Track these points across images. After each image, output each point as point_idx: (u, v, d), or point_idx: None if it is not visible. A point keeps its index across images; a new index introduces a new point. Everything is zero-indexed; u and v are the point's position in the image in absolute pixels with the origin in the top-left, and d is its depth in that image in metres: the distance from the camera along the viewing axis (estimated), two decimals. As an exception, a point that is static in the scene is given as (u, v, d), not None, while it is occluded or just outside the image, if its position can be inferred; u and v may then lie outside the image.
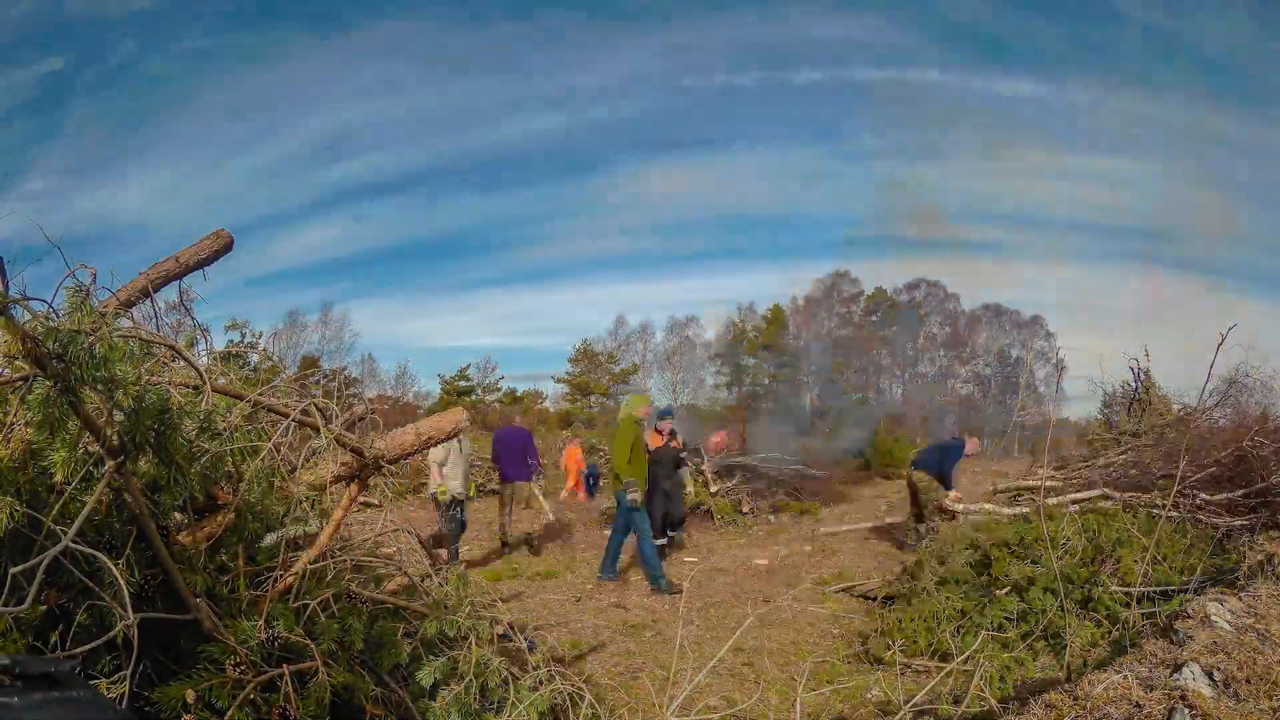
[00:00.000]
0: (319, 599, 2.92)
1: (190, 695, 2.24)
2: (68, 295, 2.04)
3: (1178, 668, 3.10)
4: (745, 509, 13.03)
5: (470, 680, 3.28)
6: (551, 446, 20.93)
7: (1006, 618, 5.42)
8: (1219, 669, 3.03)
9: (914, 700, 4.11)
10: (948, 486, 10.13)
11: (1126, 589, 5.24)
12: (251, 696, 2.43)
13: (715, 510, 12.66)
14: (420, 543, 4.43)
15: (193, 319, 3.78)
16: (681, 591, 8.23)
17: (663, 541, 9.86)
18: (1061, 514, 7.17)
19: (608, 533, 9.61)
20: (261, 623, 2.61)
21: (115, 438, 2.00)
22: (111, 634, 2.00)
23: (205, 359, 3.54)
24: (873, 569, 9.27)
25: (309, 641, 2.68)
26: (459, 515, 9.73)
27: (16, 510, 1.96)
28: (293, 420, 3.06)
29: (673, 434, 10.12)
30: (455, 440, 9.48)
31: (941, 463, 10.20)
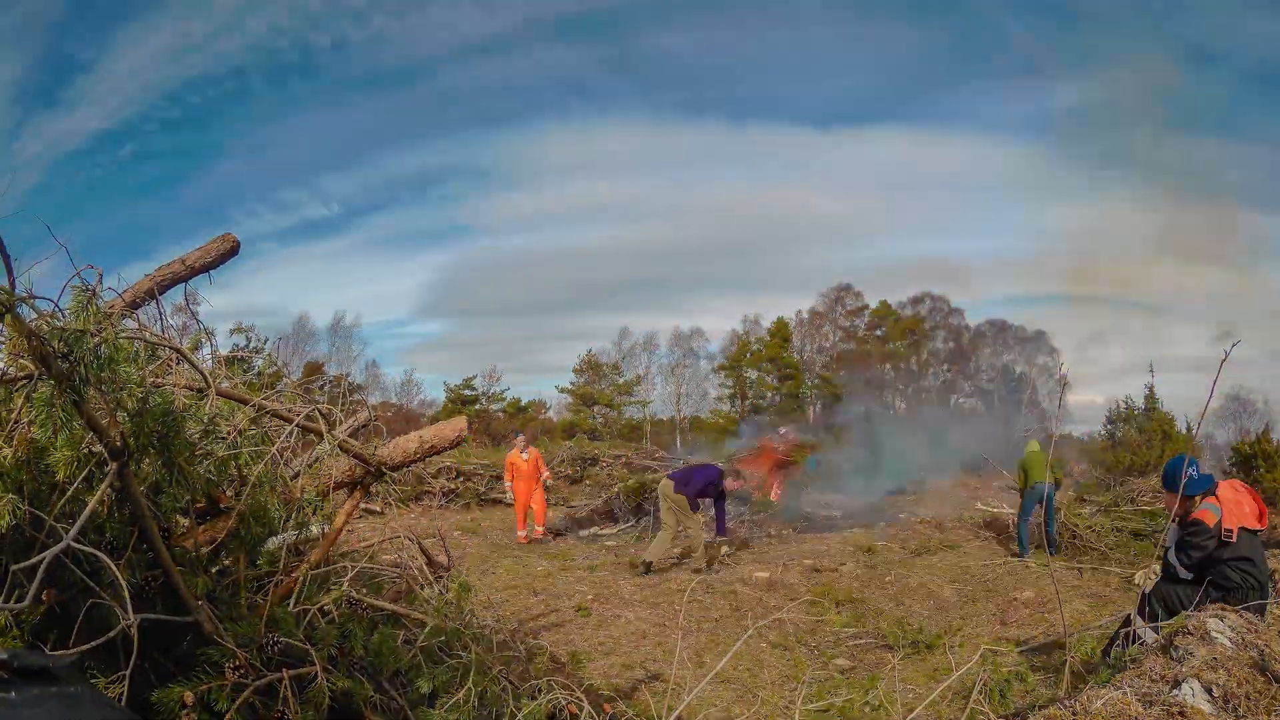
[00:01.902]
0: (319, 604, 2.92)
1: (189, 697, 2.24)
2: (74, 295, 2.05)
3: (1177, 684, 3.09)
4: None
5: (469, 688, 3.27)
6: (553, 456, 20.83)
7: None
8: (1218, 685, 3.01)
9: (914, 714, 4.09)
10: None
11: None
12: (250, 700, 2.44)
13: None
14: (421, 549, 4.43)
15: (198, 322, 3.80)
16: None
17: None
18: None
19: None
20: (262, 627, 2.62)
21: (119, 439, 2.01)
22: (111, 634, 2.01)
23: (210, 362, 3.56)
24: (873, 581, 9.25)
25: (309, 646, 2.68)
26: None
27: (19, 508, 1.97)
28: (296, 425, 3.08)
29: None
30: None
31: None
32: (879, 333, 47.38)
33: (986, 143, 79.20)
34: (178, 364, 2.93)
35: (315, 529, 3.28)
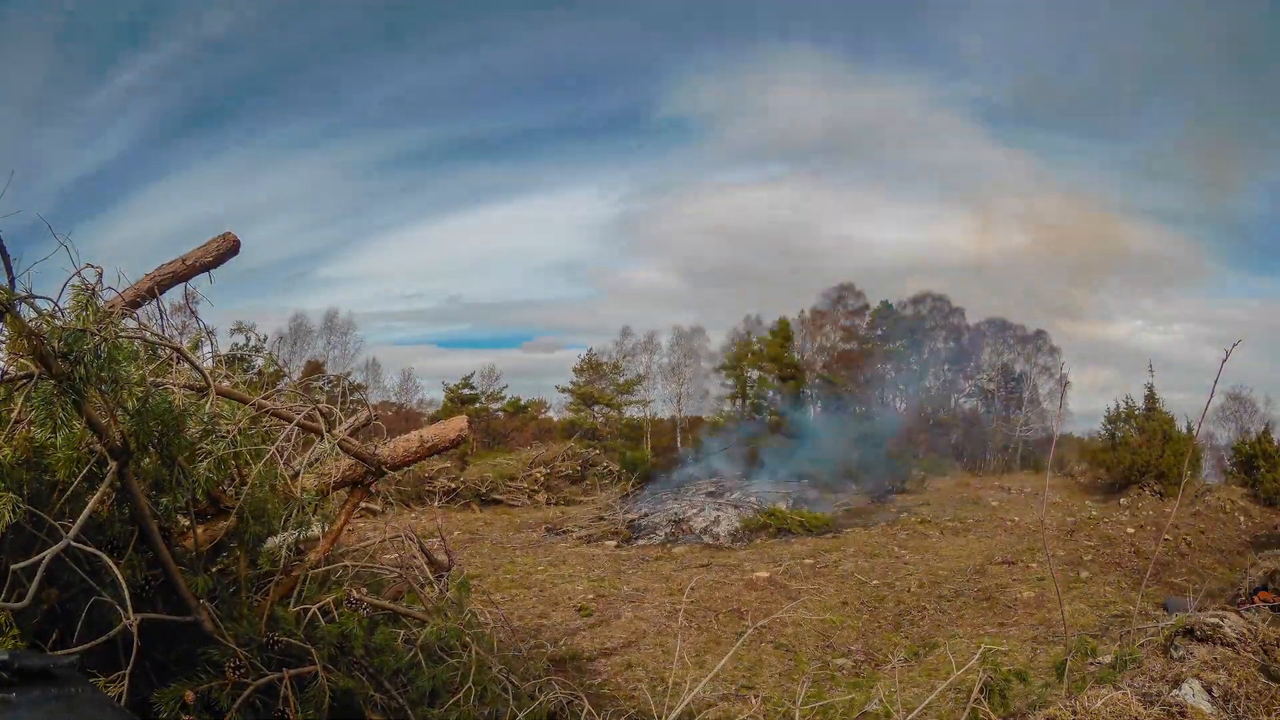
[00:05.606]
0: (320, 604, 2.92)
1: (190, 696, 2.24)
2: (73, 294, 2.05)
3: (1177, 684, 3.09)
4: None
5: (469, 687, 3.27)
6: (554, 455, 20.84)
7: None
8: (1218, 685, 3.01)
9: (914, 714, 4.09)
10: None
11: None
12: (251, 699, 2.43)
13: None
14: (421, 549, 4.43)
15: (198, 321, 3.79)
16: None
17: None
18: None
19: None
20: (263, 626, 2.62)
21: (119, 438, 2.01)
22: (112, 633, 2.01)
23: (210, 361, 3.55)
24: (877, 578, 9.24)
25: (309, 646, 2.68)
26: None
27: (19, 507, 1.96)
28: (296, 425, 3.07)
29: None
30: None
31: None
32: (879, 332, 47.25)
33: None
34: (178, 363, 2.92)
35: (315, 528, 3.27)
